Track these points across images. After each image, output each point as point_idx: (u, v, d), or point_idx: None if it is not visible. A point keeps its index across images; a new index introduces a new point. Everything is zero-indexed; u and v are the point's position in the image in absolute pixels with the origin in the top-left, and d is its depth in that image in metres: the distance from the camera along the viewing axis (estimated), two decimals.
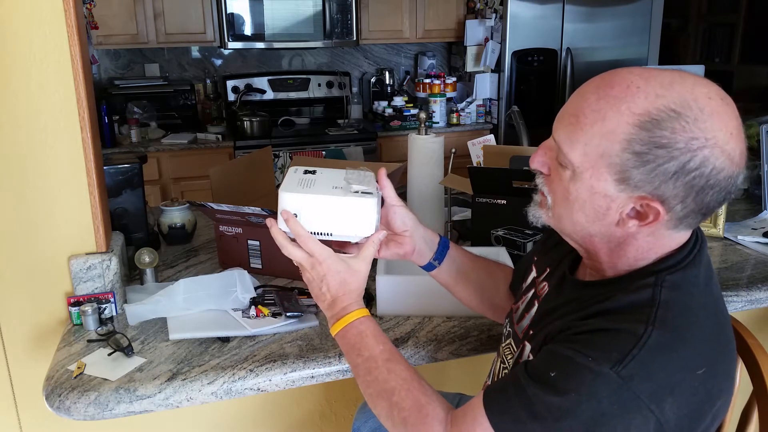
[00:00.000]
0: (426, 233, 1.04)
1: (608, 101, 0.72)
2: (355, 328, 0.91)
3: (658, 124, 0.69)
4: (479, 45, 3.90)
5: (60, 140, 1.24)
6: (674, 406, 0.70)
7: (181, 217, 1.71)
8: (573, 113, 0.75)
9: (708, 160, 0.69)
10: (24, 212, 1.27)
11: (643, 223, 0.74)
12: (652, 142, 0.69)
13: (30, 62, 1.20)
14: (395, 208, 1.00)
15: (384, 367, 0.87)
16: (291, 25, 3.62)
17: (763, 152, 1.88)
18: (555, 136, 0.78)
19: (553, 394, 0.71)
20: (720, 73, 4.38)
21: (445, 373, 1.63)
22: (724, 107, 0.71)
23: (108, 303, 1.29)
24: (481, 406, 0.78)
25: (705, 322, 0.75)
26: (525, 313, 0.95)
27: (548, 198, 0.82)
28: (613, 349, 0.69)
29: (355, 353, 0.90)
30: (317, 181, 0.97)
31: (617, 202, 0.74)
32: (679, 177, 0.70)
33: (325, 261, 0.91)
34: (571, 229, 0.81)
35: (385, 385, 0.86)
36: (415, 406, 0.83)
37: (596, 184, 0.74)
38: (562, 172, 0.78)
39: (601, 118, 0.72)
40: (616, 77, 0.73)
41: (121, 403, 1.05)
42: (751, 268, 1.50)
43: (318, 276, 0.92)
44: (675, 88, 0.70)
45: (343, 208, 0.93)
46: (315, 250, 0.91)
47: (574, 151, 0.75)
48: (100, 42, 3.38)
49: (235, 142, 3.46)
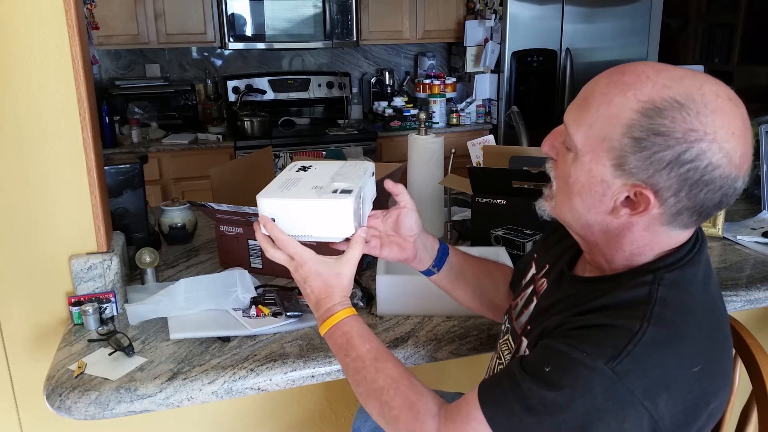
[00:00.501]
0: (427, 240, 1.05)
1: (617, 86, 0.73)
2: (340, 329, 0.90)
3: (660, 113, 0.70)
4: (479, 45, 3.90)
5: (61, 140, 1.25)
6: (669, 403, 0.70)
7: (181, 217, 1.71)
8: (583, 96, 0.77)
9: (704, 154, 0.69)
10: (25, 212, 1.27)
11: (634, 212, 0.75)
12: (650, 129, 0.70)
13: (30, 62, 1.20)
14: (408, 211, 1.00)
15: (371, 366, 0.87)
16: (291, 26, 3.63)
17: (762, 152, 1.89)
18: (565, 118, 0.79)
19: (548, 388, 0.71)
20: (719, 74, 4.31)
21: (444, 373, 1.63)
22: (730, 107, 0.71)
23: (109, 303, 1.30)
24: (475, 400, 0.78)
25: (702, 321, 0.75)
26: (524, 309, 0.95)
27: (554, 184, 0.83)
28: (608, 345, 0.70)
29: (343, 354, 0.90)
30: (301, 181, 0.97)
31: (612, 189, 0.75)
32: (674, 167, 0.70)
33: (306, 263, 0.91)
34: (570, 216, 0.81)
35: (373, 385, 0.86)
36: (406, 404, 0.83)
37: (594, 167, 0.75)
38: (566, 155, 0.79)
39: (607, 102, 0.73)
40: (629, 67, 0.74)
41: (122, 403, 1.05)
42: (750, 268, 1.50)
43: (301, 278, 0.92)
44: (684, 82, 0.71)
45: (316, 210, 0.92)
46: (295, 252, 0.91)
47: (578, 132, 0.76)
48: (100, 42, 3.38)
49: (236, 142, 3.47)
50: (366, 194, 0.99)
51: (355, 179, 0.96)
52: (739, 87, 4.24)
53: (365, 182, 0.98)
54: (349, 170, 0.98)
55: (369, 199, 1.02)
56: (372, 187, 1.04)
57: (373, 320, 1.28)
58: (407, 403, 0.83)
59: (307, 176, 0.98)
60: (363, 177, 0.98)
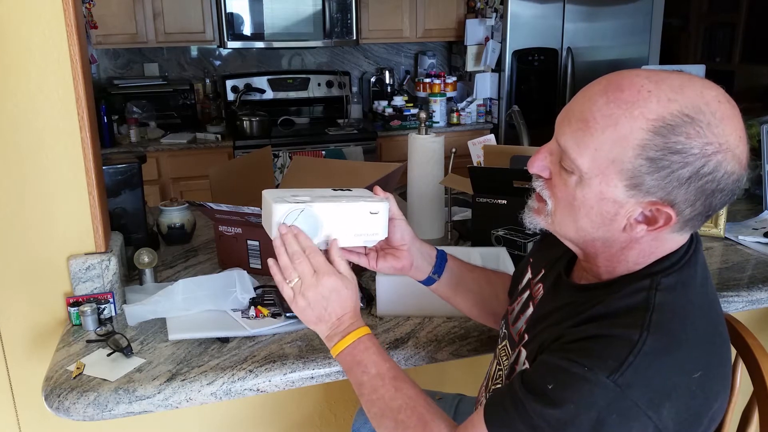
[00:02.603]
0: (423, 247, 1.03)
1: (619, 105, 0.70)
2: (363, 344, 0.89)
3: (673, 130, 0.68)
4: (479, 44, 3.89)
5: (59, 140, 1.24)
6: (672, 410, 0.69)
7: (180, 217, 1.71)
8: (581, 117, 0.73)
9: (721, 164, 0.69)
10: (23, 212, 1.26)
11: (652, 228, 0.74)
12: (666, 148, 0.68)
13: (29, 62, 1.20)
14: (396, 221, 0.98)
15: (391, 384, 0.86)
16: (291, 25, 3.62)
17: (764, 152, 1.88)
18: (560, 140, 0.76)
19: (552, 407, 0.71)
20: (721, 73, 4.37)
21: (445, 374, 1.63)
22: (732, 110, 0.70)
23: (107, 303, 1.29)
24: (482, 422, 0.78)
25: (700, 324, 0.74)
26: (520, 314, 0.95)
27: (548, 203, 0.80)
28: (609, 357, 0.69)
29: (361, 370, 0.88)
30: (303, 193, 0.94)
31: (626, 208, 0.73)
32: (692, 182, 0.69)
33: (330, 277, 0.88)
34: (574, 234, 0.80)
35: (391, 403, 0.85)
36: (420, 424, 0.83)
37: (605, 190, 0.73)
38: (567, 177, 0.76)
39: (613, 124, 0.70)
40: (624, 80, 0.72)
41: (121, 404, 1.04)
42: (751, 268, 1.49)
43: (320, 294, 0.88)
44: (686, 92, 0.69)
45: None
46: (320, 264, 0.88)
47: (582, 156, 0.73)
48: (99, 41, 3.38)
49: (235, 141, 3.46)
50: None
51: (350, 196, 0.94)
52: (741, 86, 4.22)
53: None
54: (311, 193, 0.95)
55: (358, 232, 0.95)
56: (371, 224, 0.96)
57: (373, 321, 1.28)
58: (422, 423, 0.83)
59: (303, 191, 0.96)
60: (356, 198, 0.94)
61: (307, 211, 0.89)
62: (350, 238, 0.93)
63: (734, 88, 4.19)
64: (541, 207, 0.82)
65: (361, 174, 1.67)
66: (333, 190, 0.98)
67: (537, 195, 0.83)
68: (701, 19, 4.74)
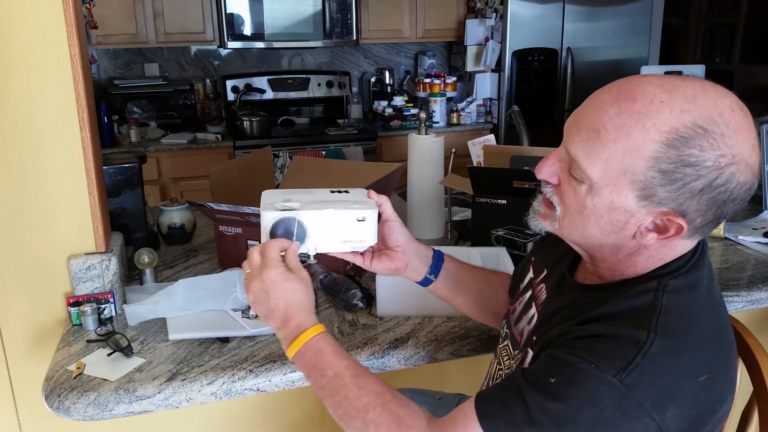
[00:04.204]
0: (419, 248, 1.02)
1: (631, 116, 0.69)
2: (313, 347, 0.84)
3: (686, 142, 0.67)
4: (479, 44, 3.89)
5: (59, 140, 1.24)
6: (675, 412, 0.69)
7: (180, 217, 1.71)
8: (592, 127, 0.72)
9: (734, 176, 0.68)
10: (23, 212, 1.26)
11: (662, 237, 0.73)
12: (679, 161, 0.68)
13: (29, 62, 1.20)
14: (392, 223, 0.97)
15: (352, 384, 0.81)
16: (291, 25, 3.62)
17: (764, 152, 1.88)
18: (569, 148, 0.75)
19: (554, 400, 0.70)
20: (720, 73, 4.37)
21: (445, 374, 1.63)
22: (745, 119, 0.70)
23: (107, 303, 1.29)
24: (472, 412, 0.76)
25: (706, 327, 0.74)
26: (522, 314, 0.94)
27: (557, 209, 0.80)
28: (616, 356, 0.68)
29: (318, 374, 0.83)
30: (297, 196, 0.95)
31: (637, 217, 0.73)
32: (705, 193, 0.69)
33: (274, 269, 0.85)
34: (582, 240, 0.80)
35: (356, 403, 0.80)
36: (394, 421, 0.79)
37: (616, 199, 0.73)
38: (577, 186, 0.75)
39: (625, 134, 0.69)
40: (636, 89, 0.70)
41: (121, 404, 1.04)
42: (751, 269, 1.49)
43: (262, 289, 0.85)
44: (699, 102, 0.68)
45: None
46: (270, 258, 0.85)
47: (593, 166, 0.72)
48: (99, 42, 3.38)
49: (235, 141, 3.46)
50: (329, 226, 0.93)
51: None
52: (741, 87, 4.22)
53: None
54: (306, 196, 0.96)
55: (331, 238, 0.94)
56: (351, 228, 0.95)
57: (373, 321, 1.28)
58: (395, 419, 0.79)
59: (298, 194, 0.96)
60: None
61: (292, 218, 0.89)
62: (337, 245, 0.93)
63: (734, 88, 4.18)
64: (549, 212, 0.81)
65: (361, 174, 1.67)
66: (330, 192, 0.98)
67: (545, 199, 0.82)
68: (701, 20, 4.74)
